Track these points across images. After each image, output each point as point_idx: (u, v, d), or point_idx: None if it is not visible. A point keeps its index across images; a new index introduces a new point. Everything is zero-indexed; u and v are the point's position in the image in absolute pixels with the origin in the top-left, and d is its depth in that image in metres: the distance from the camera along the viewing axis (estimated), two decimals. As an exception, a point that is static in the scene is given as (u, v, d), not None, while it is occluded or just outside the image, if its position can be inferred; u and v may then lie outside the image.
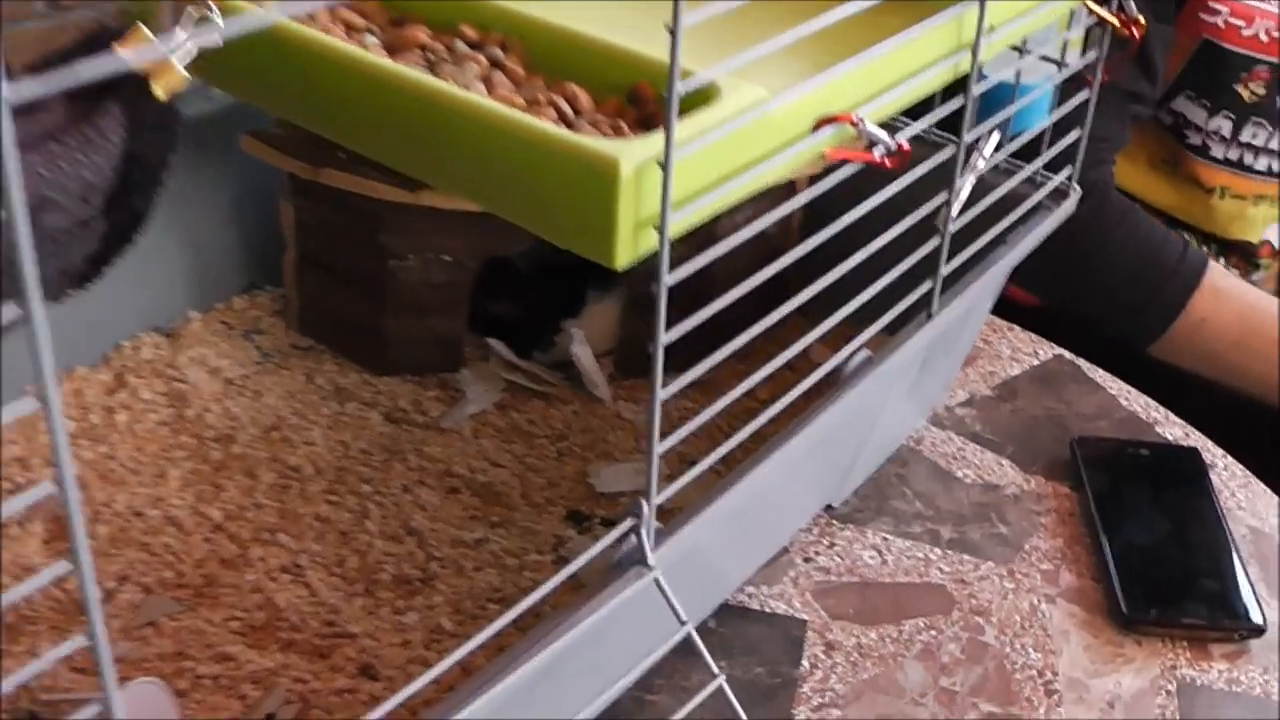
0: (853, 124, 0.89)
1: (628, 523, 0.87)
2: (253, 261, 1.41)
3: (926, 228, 1.05)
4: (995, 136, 1.17)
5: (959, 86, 1.02)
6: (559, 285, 1.34)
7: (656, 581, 0.87)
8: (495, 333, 1.34)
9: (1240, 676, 1.15)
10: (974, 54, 1.00)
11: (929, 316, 1.11)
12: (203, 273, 1.38)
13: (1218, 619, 1.18)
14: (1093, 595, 1.21)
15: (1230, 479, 1.35)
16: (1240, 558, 1.24)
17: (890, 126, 0.93)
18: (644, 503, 0.86)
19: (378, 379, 1.32)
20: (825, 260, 0.94)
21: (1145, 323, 1.61)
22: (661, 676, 1.09)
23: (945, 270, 1.09)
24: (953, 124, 1.05)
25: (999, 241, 1.19)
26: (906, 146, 0.92)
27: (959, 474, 1.33)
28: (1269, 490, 1.35)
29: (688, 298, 0.80)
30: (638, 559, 0.87)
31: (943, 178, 1.05)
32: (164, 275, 1.34)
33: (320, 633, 1.07)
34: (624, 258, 0.77)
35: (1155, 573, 1.22)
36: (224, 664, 1.04)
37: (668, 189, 0.74)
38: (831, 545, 1.24)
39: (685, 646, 1.07)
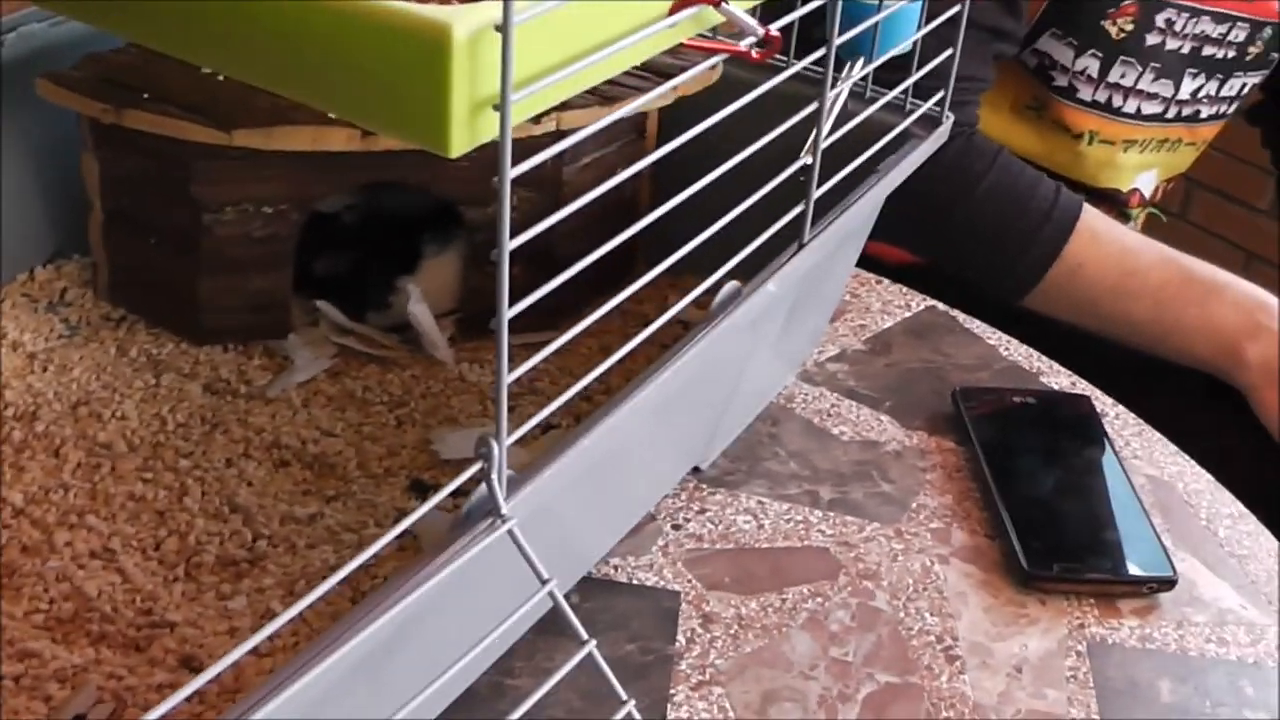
0: (714, 4, 0.78)
1: (475, 467, 0.75)
2: (57, 228, 1.29)
3: (790, 164, 0.95)
4: (860, 61, 1.08)
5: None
6: (392, 239, 1.24)
7: (511, 534, 0.76)
8: (324, 294, 1.23)
9: (1153, 633, 1.06)
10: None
11: (800, 246, 1.01)
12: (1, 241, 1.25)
13: (1125, 572, 1.09)
14: (989, 553, 1.12)
15: (1123, 428, 1.26)
16: (1143, 508, 1.14)
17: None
18: (493, 443, 0.74)
19: (196, 349, 1.20)
20: (681, 213, 0.84)
21: (1020, 270, 1.51)
22: (520, 658, 0.98)
23: (816, 194, 0.99)
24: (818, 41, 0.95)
25: (868, 172, 1.09)
26: (775, 33, 0.81)
27: (835, 431, 1.23)
28: (1164, 438, 1.25)
29: (534, 253, 0.72)
30: (489, 509, 0.76)
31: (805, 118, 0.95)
32: None
33: (135, 623, 0.96)
34: (460, 143, 0.67)
35: (1055, 527, 1.13)
36: (26, 662, 0.92)
37: (508, 56, 0.63)
38: (702, 510, 1.13)
39: (546, 623, 0.97)
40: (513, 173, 0.67)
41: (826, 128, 0.99)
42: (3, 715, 0.89)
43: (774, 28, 0.82)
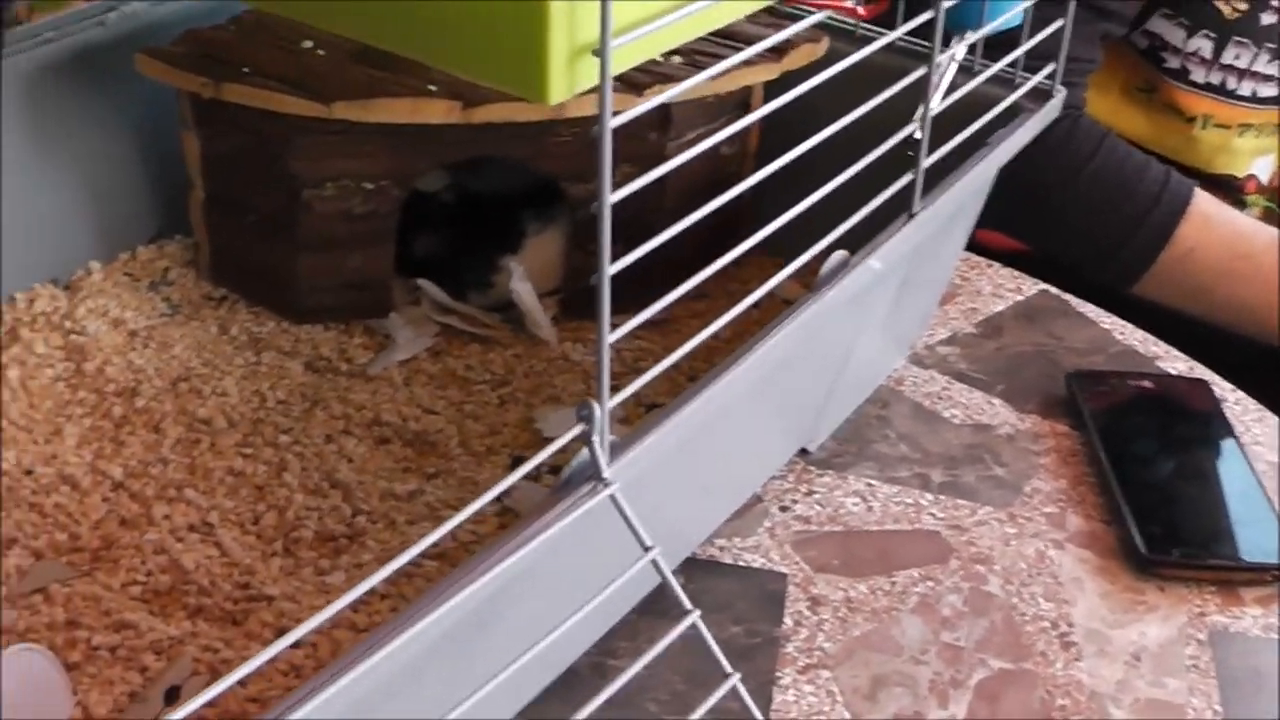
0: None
1: (577, 429, 0.72)
2: (160, 208, 1.28)
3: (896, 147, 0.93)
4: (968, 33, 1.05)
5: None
6: (493, 218, 1.22)
7: (613, 499, 0.73)
8: (425, 274, 1.21)
9: (1277, 621, 1.01)
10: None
11: (910, 217, 0.98)
12: (104, 220, 1.24)
13: (1248, 559, 1.05)
14: (1105, 539, 1.08)
15: (1244, 413, 1.22)
16: (1266, 494, 1.10)
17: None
18: (595, 405, 0.72)
19: (297, 327, 1.19)
20: (786, 191, 0.82)
21: (1127, 255, 1.46)
22: (623, 638, 0.96)
23: (925, 163, 0.96)
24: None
25: (977, 146, 1.07)
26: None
27: (946, 414, 1.20)
28: (1286, 424, 1.22)
29: (637, 230, 0.69)
30: (590, 473, 0.73)
31: (916, 90, 0.93)
32: (61, 223, 1.22)
33: (232, 596, 0.95)
34: (558, 90, 0.65)
35: (1174, 512, 1.09)
36: (122, 633, 0.91)
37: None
38: (810, 492, 1.10)
39: (649, 603, 0.95)
40: (614, 121, 0.64)
41: (935, 99, 0.96)
42: (99, 685, 0.87)
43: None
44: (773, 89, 1.18)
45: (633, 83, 1.09)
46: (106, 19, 1.21)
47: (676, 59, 1.15)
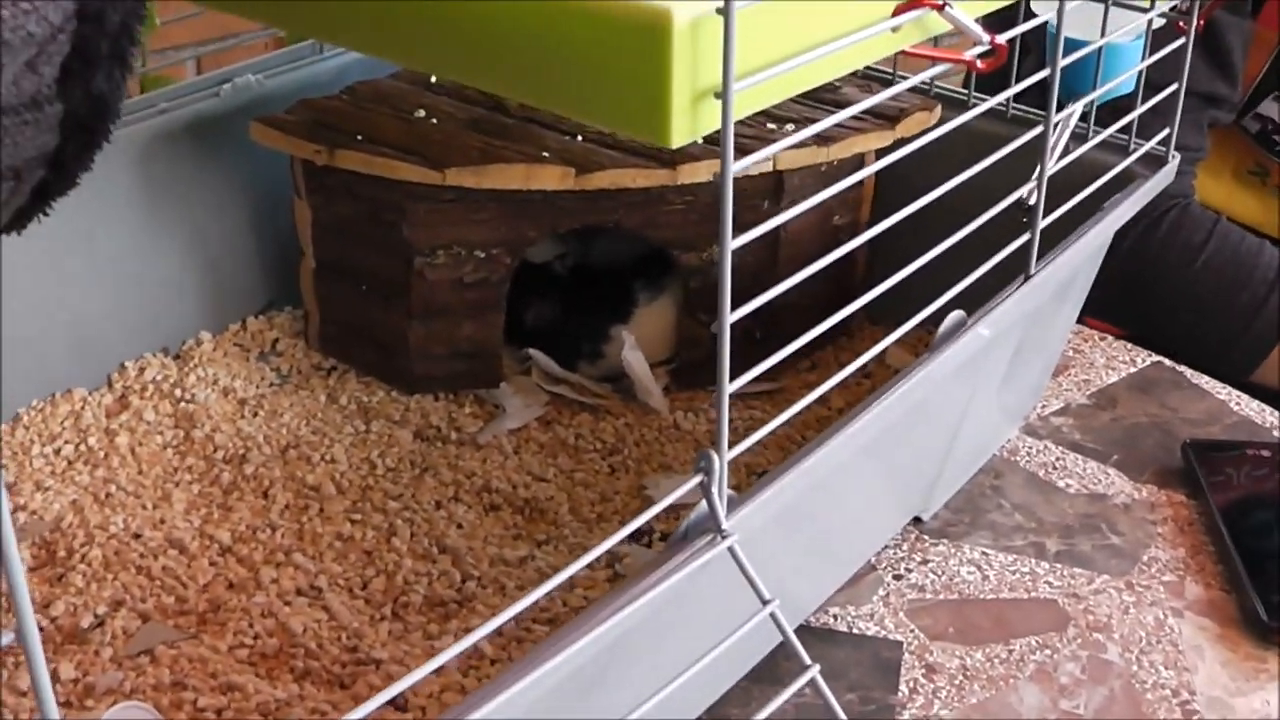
0: (938, 8, 0.74)
1: (695, 479, 0.71)
2: (270, 279, 1.29)
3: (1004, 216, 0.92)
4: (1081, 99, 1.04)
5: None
6: (605, 287, 1.22)
7: (732, 551, 0.71)
8: (535, 343, 1.21)
9: (1405, 689, 0.99)
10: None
11: (1026, 278, 0.97)
12: (215, 290, 1.25)
13: (1374, 628, 1.02)
14: (1225, 607, 1.05)
15: (1365, 484, 1.19)
16: (1390, 563, 1.08)
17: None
18: (713, 455, 0.71)
19: (407, 397, 1.19)
20: (897, 263, 0.81)
21: (1245, 344, 1.44)
22: (735, 704, 0.94)
23: (1043, 223, 0.95)
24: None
25: (1091, 211, 1.05)
26: (1003, 43, 0.78)
27: (1061, 484, 1.17)
28: None
29: (750, 295, 0.70)
30: (708, 526, 0.72)
31: (1026, 160, 0.92)
32: (172, 292, 1.23)
33: (340, 660, 0.93)
34: (680, 133, 0.64)
35: (1295, 580, 1.06)
36: (229, 695, 0.90)
37: (730, 36, 0.60)
38: (924, 561, 1.09)
39: (761, 671, 0.93)
40: (736, 166, 0.64)
41: (1050, 160, 0.94)
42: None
43: (1001, 38, 0.78)
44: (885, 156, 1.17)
45: (747, 151, 1.08)
46: (221, 90, 1.22)
47: (790, 126, 1.15)
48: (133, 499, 1.06)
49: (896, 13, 0.74)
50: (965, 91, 1.24)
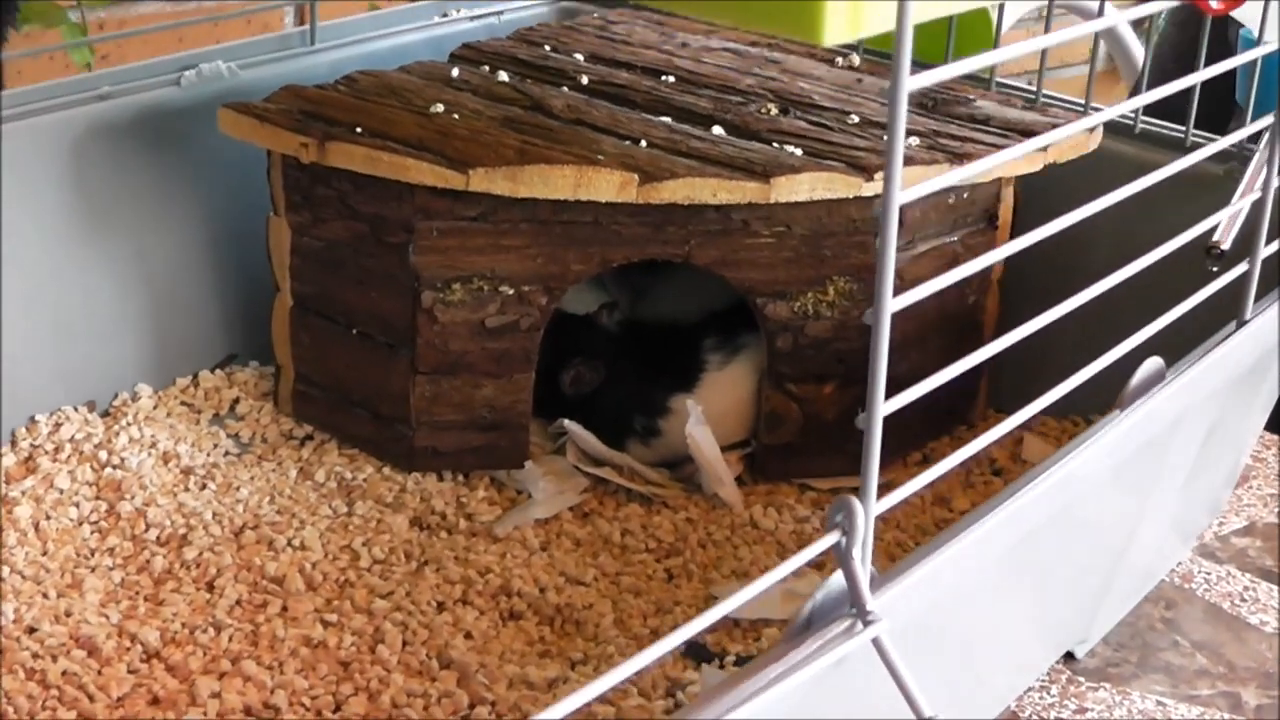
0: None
1: (830, 539, 0.55)
2: (234, 323, 1.23)
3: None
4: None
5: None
6: (664, 345, 1.14)
7: (878, 644, 0.55)
8: (572, 414, 1.12)
9: None
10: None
11: (1239, 325, 0.88)
12: (159, 333, 1.19)
13: None
14: None
15: None
16: None
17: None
18: (856, 503, 0.55)
19: (404, 475, 1.10)
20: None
21: None
22: None
23: (1266, 251, 0.88)
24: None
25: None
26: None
27: (1253, 620, 1.07)
28: None
29: (855, 364, 0.70)
30: (847, 604, 0.56)
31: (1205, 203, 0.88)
32: (103, 331, 1.15)
33: (303, 808, 0.82)
34: (835, 30, 0.56)
35: None
36: None
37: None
38: (1081, 710, 0.97)
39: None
40: (905, 195, 0.57)
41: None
42: None
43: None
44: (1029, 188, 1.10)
45: (860, 165, 1.01)
46: (183, 77, 1.15)
47: (914, 140, 1.06)
48: (30, 584, 0.98)
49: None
50: (1133, 114, 1.14)
